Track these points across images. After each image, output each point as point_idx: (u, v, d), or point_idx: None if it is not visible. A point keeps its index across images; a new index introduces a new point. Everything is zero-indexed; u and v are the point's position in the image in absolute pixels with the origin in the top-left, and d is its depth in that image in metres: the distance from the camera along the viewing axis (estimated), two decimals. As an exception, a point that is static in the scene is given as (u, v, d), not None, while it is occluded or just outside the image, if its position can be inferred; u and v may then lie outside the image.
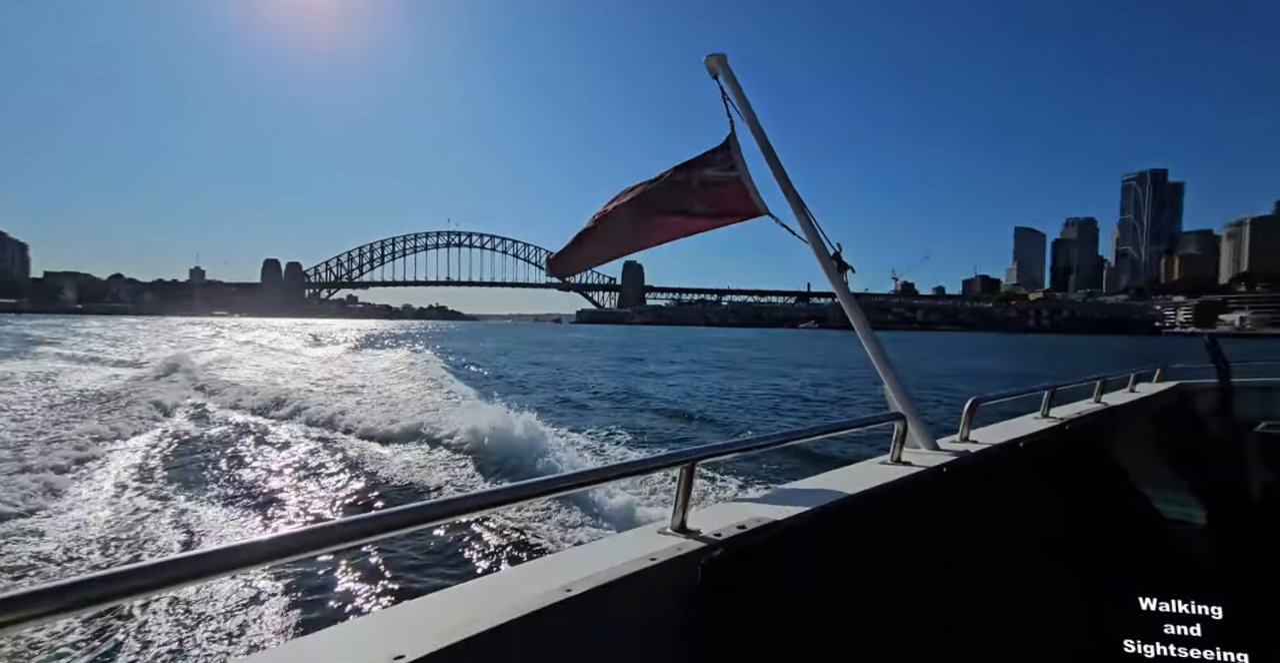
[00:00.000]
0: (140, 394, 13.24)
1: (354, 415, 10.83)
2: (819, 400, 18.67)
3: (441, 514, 0.99)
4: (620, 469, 1.32)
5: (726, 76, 2.43)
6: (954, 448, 2.28)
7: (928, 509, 1.85)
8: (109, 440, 9.09)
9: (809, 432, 1.92)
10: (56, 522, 5.83)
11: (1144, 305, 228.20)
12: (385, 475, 7.68)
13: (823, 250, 2.43)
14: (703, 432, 13.07)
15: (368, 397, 13.84)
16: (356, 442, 9.50)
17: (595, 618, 1.06)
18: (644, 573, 1.14)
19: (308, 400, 12.48)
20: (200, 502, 6.61)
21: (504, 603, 0.98)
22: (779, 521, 1.42)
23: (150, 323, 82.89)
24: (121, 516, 6.09)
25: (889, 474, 1.87)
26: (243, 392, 13.95)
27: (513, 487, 1.10)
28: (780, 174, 2.41)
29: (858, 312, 2.46)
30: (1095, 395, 3.59)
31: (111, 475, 7.44)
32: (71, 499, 6.48)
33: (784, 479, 5.99)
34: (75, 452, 8.15)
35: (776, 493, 1.72)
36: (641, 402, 16.70)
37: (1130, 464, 2.99)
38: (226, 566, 0.77)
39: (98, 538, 5.48)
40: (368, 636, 0.92)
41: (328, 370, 20.41)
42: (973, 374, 30.45)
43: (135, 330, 52.75)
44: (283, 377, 18.20)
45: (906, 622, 1.52)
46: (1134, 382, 4.18)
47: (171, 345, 31.30)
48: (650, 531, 1.37)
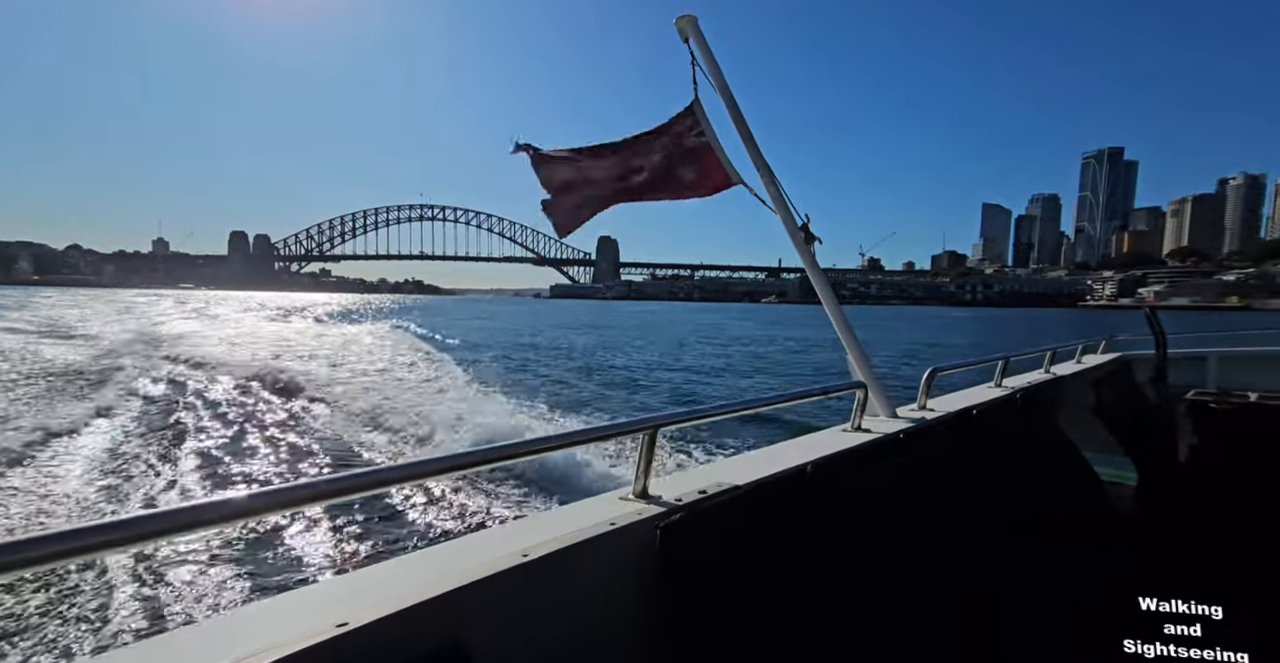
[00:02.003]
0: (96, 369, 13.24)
1: (315, 382, 11.08)
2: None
3: (398, 478, 0.98)
4: (582, 435, 1.31)
5: (697, 39, 2.41)
6: (912, 416, 2.35)
7: (886, 474, 1.89)
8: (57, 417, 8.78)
9: (771, 399, 1.91)
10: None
11: (1074, 280, 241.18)
12: (342, 440, 7.70)
13: (791, 221, 2.45)
14: (658, 397, 13.50)
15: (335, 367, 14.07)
16: (315, 408, 9.62)
17: (551, 582, 1.06)
18: (602, 538, 1.15)
19: (267, 366, 12.91)
20: (150, 471, 6.46)
21: (457, 569, 0.97)
22: (739, 485, 1.44)
23: (100, 296, 77.95)
24: (60, 487, 5.90)
25: (849, 441, 1.93)
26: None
27: (474, 451, 1.08)
28: (750, 142, 2.41)
29: (824, 283, 2.51)
30: (1045, 366, 3.77)
31: (64, 448, 7.27)
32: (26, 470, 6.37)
33: (748, 446, 6.51)
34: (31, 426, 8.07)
35: (739, 459, 1.76)
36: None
37: (1074, 430, 3.13)
38: (166, 529, 0.74)
39: (33, 508, 5.34)
40: (312, 604, 0.91)
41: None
42: (872, 343, 32.61)
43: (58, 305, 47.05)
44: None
45: (865, 585, 1.54)
46: (1080, 353, 4.38)
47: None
48: (612, 497, 1.38)
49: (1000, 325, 63.12)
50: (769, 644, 1.27)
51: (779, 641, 1.29)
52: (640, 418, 1.38)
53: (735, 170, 2.43)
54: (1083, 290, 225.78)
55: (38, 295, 73.91)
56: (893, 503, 1.82)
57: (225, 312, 42.35)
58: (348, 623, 0.82)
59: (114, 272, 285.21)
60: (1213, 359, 4.67)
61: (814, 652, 1.35)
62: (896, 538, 1.71)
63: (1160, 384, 4.24)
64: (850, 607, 1.48)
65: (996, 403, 2.76)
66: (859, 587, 1.53)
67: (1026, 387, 3.17)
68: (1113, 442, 3.30)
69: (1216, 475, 2.95)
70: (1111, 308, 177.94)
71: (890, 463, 1.96)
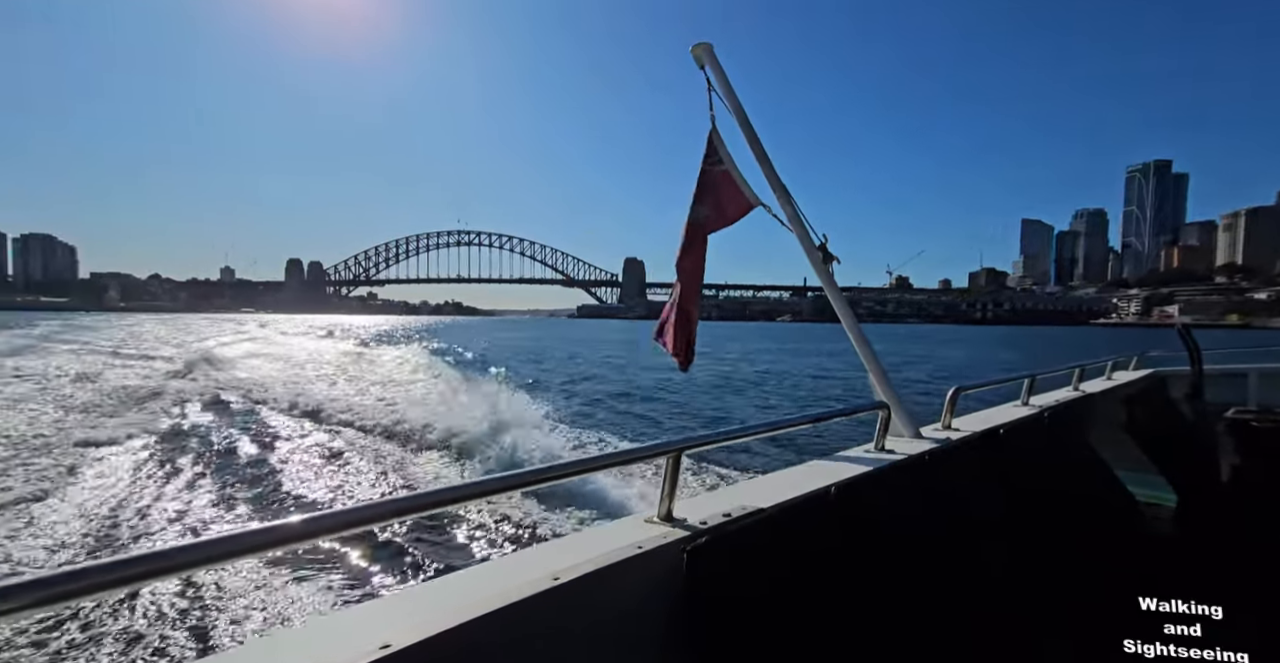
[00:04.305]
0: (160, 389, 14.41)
1: (343, 406, 11.45)
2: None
3: (428, 504, 1.00)
4: (607, 459, 1.32)
5: (713, 66, 2.46)
6: (936, 436, 2.31)
7: (911, 496, 1.88)
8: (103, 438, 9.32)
9: (794, 421, 1.90)
10: (54, 513, 6.03)
11: (1099, 298, 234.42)
12: (376, 466, 7.82)
13: (809, 241, 2.46)
14: (683, 420, 13.58)
15: (370, 389, 14.73)
16: (351, 434, 9.79)
17: (582, 606, 1.08)
18: (630, 561, 1.17)
19: (304, 390, 13.38)
20: (194, 493, 6.77)
21: (492, 592, 1.00)
22: (764, 508, 1.44)
23: (172, 321, 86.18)
24: (113, 507, 6.21)
25: (873, 462, 1.90)
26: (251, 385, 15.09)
27: (501, 476, 1.11)
28: (767, 165, 2.44)
29: (843, 302, 2.49)
30: (1074, 383, 3.68)
31: (111, 467, 7.71)
32: (75, 490, 6.77)
33: (771, 468, 7.13)
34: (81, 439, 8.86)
35: (762, 481, 1.75)
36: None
37: (1106, 450, 3.02)
38: (214, 557, 0.77)
39: (83, 531, 5.58)
40: (355, 625, 0.93)
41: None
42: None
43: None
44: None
45: (890, 608, 1.53)
46: (1111, 369, 4.26)
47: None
48: (637, 520, 1.39)
49: (978, 340, 66.89)
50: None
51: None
52: (664, 442, 1.39)
53: (754, 193, 2.48)
54: (1107, 308, 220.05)
55: (129, 318, 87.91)
56: (919, 525, 1.82)
57: (272, 333, 45.26)
58: (390, 645, 0.84)
59: (187, 298, 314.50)
60: (1254, 376, 4.48)
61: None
62: (923, 561, 1.71)
63: (1197, 401, 4.09)
64: (876, 631, 1.47)
65: (1024, 422, 2.70)
66: (885, 611, 1.52)
67: (1055, 405, 3.10)
68: (1148, 461, 3.16)
69: (1259, 495, 2.83)
70: (1124, 326, 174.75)
71: (915, 484, 1.95)
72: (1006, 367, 30.47)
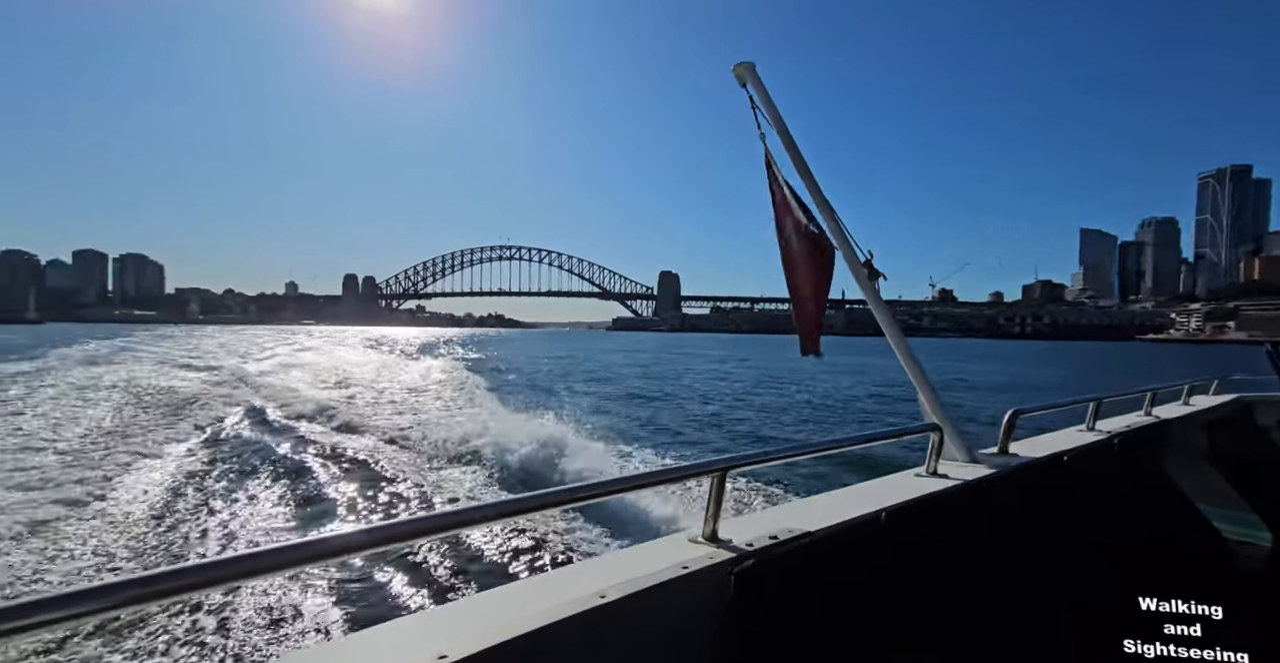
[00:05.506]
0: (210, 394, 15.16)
1: (395, 421, 11.50)
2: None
3: (478, 519, 1.04)
4: (651, 478, 1.33)
5: (755, 84, 2.46)
6: (993, 461, 2.23)
7: (967, 524, 1.81)
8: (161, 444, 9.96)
9: (843, 442, 1.86)
10: (104, 518, 6.26)
11: (1154, 312, 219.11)
12: (427, 480, 8.03)
13: (854, 257, 2.43)
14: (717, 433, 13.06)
15: (417, 400, 15.01)
16: (397, 448, 9.93)
17: (629, 624, 1.09)
18: (676, 581, 1.17)
19: (356, 404, 13.67)
20: (247, 500, 7.00)
21: (542, 606, 1.02)
22: (811, 531, 1.41)
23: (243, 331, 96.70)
24: (163, 514, 6.45)
25: (925, 486, 1.84)
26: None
27: (546, 493, 1.13)
28: (811, 182, 2.44)
29: (890, 319, 2.45)
30: (1145, 408, 3.50)
31: (161, 474, 8.12)
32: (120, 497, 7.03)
33: (815, 487, 6.46)
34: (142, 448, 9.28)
35: (809, 503, 1.71)
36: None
37: (1185, 481, 2.82)
38: (276, 566, 0.80)
39: (137, 535, 5.85)
40: (412, 635, 0.96)
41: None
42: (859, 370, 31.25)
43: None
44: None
45: (944, 641, 1.48)
46: (1188, 394, 4.00)
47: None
48: (681, 539, 1.38)
49: (1005, 356, 65.63)
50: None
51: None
52: (709, 460, 1.38)
53: (806, 212, 2.47)
54: (1162, 323, 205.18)
55: (206, 329, 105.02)
56: (975, 555, 1.75)
57: (320, 343, 50.07)
58: (447, 656, 0.87)
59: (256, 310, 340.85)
60: None
61: None
62: (980, 593, 1.64)
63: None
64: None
65: (1091, 448, 2.58)
66: (939, 644, 1.48)
67: (1125, 430, 2.94)
68: (1237, 495, 2.88)
69: None
70: (1172, 341, 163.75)
71: (972, 512, 1.88)
72: (1006, 381, 30.45)
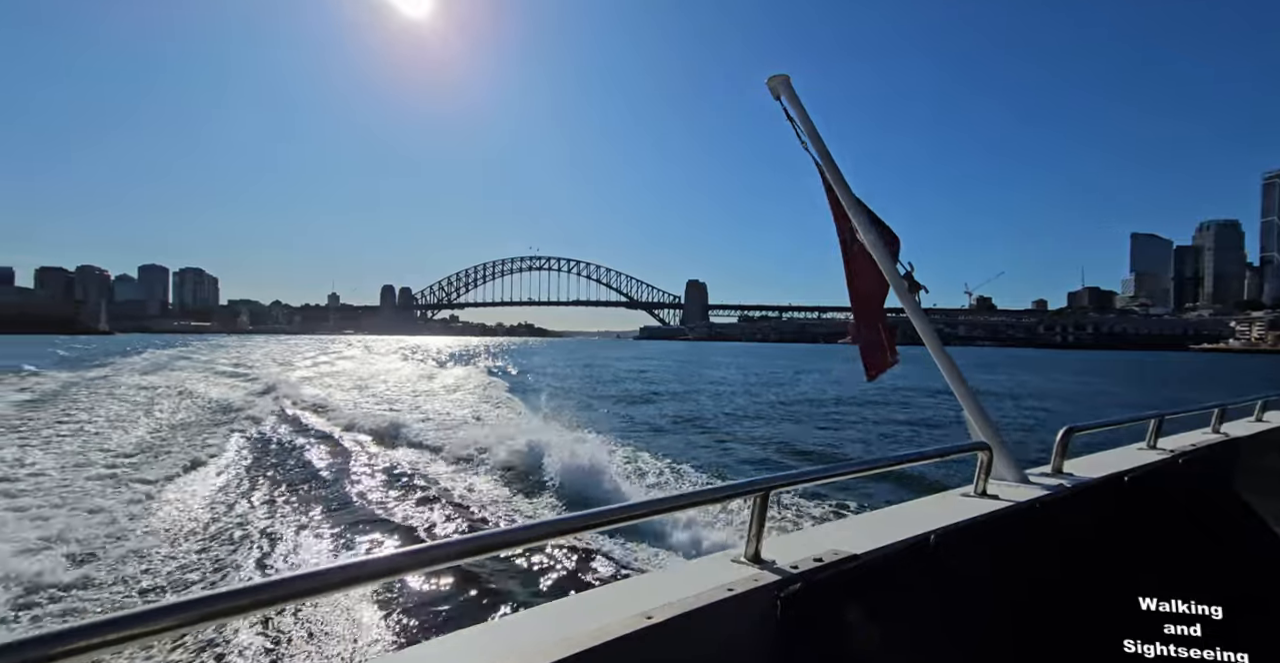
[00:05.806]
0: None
1: (437, 436, 11.87)
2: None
3: (524, 539, 1.06)
4: (694, 497, 1.33)
5: (789, 97, 2.44)
6: (1045, 482, 2.13)
7: (1020, 548, 1.76)
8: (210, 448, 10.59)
9: (888, 461, 1.83)
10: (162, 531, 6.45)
11: (1213, 321, 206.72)
12: (469, 497, 8.03)
13: (893, 270, 2.42)
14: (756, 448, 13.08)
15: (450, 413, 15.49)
16: (441, 467, 9.90)
17: (674, 647, 1.08)
18: (721, 603, 1.15)
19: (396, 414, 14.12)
20: (293, 516, 7.09)
21: (590, 625, 1.02)
22: (858, 554, 1.38)
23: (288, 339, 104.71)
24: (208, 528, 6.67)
25: (974, 508, 1.78)
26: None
27: (590, 514, 1.13)
28: (848, 194, 2.41)
29: (931, 331, 2.39)
30: (1213, 425, 3.33)
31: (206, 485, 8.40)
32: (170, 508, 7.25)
33: (859, 506, 6.55)
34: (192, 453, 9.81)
35: (853, 523, 1.69)
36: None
37: (1260, 504, 2.67)
38: (330, 585, 0.83)
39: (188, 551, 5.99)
40: (459, 652, 0.97)
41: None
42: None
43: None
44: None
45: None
46: (1261, 410, 3.76)
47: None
48: (724, 559, 1.36)
49: (1040, 365, 64.62)
50: None
51: None
52: (751, 480, 1.36)
53: (853, 224, 2.46)
54: (1221, 332, 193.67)
55: (255, 339, 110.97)
56: (1030, 582, 1.69)
57: (357, 352, 54.54)
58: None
59: (300, 320, 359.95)
60: None
61: None
62: (1035, 622, 1.60)
63: None
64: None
65: (1154, 468, 2.46)
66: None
67: (1191, 449, 2.81)
68: None
69: None
70: (1230, 351, 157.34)
71: (1025, 536, 1.82)
72: (1007, 387, 30.54)
